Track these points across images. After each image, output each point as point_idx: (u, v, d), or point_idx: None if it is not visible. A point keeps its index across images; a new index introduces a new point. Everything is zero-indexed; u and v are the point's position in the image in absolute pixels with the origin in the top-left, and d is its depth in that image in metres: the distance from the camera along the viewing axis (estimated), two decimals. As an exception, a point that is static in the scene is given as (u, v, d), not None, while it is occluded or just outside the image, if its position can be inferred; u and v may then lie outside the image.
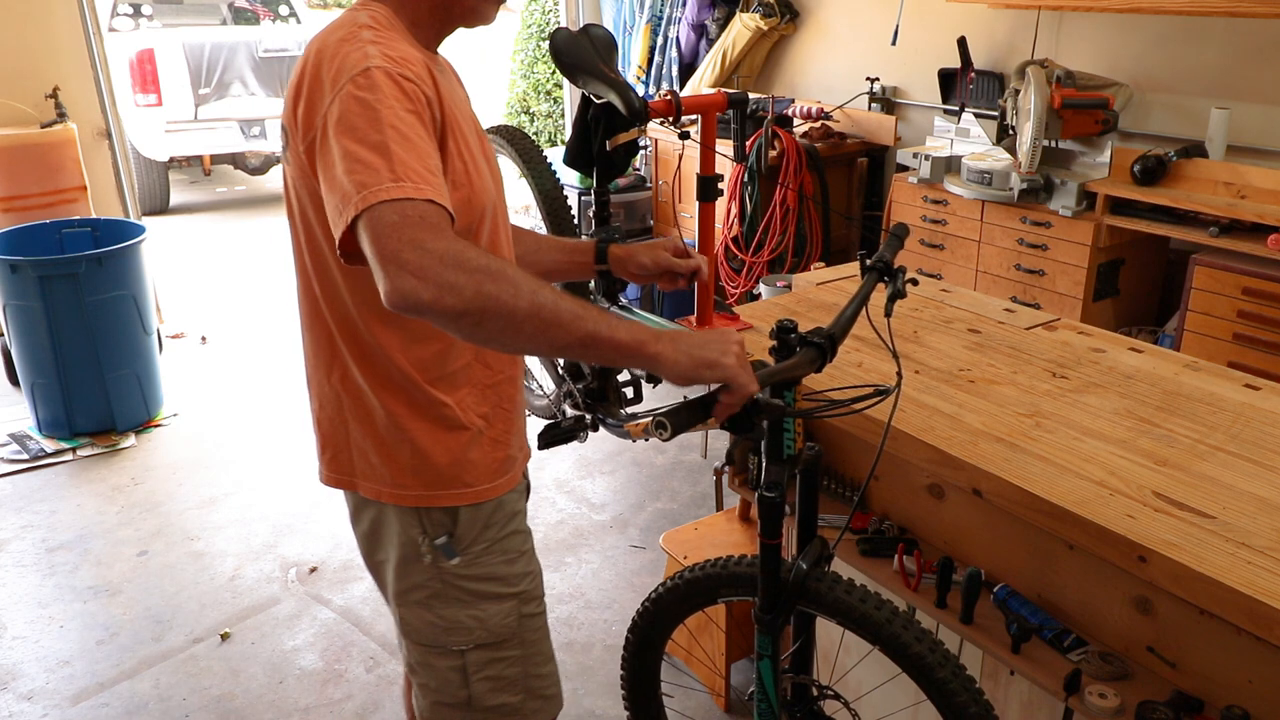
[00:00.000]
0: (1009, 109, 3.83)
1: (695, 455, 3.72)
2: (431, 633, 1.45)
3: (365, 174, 1.11)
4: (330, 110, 1.17)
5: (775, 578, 1.50)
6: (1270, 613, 1.23)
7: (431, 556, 1.41)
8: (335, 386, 1.39)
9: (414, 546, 1.41)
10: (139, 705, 2.50)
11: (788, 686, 1.64)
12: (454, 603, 1.44)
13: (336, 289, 1.32)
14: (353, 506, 1.48)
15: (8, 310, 3.71)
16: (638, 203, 5.45)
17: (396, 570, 1.44)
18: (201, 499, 3.47)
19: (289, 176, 1.31)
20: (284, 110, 1.29)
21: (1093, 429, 1.69)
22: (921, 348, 2.06)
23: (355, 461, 1.41)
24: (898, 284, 1.50)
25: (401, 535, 1.41)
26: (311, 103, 1.20)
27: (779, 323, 1.39)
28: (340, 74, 1.18)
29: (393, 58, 1.19)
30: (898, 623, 1.43)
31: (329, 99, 1.17)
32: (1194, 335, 3.37)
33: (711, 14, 5.49)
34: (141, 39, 7.14)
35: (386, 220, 1.09)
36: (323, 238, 1.30)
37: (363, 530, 1.48)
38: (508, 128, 2.24)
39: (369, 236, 1.10)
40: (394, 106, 1.15)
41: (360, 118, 1.15)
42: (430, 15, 1.33)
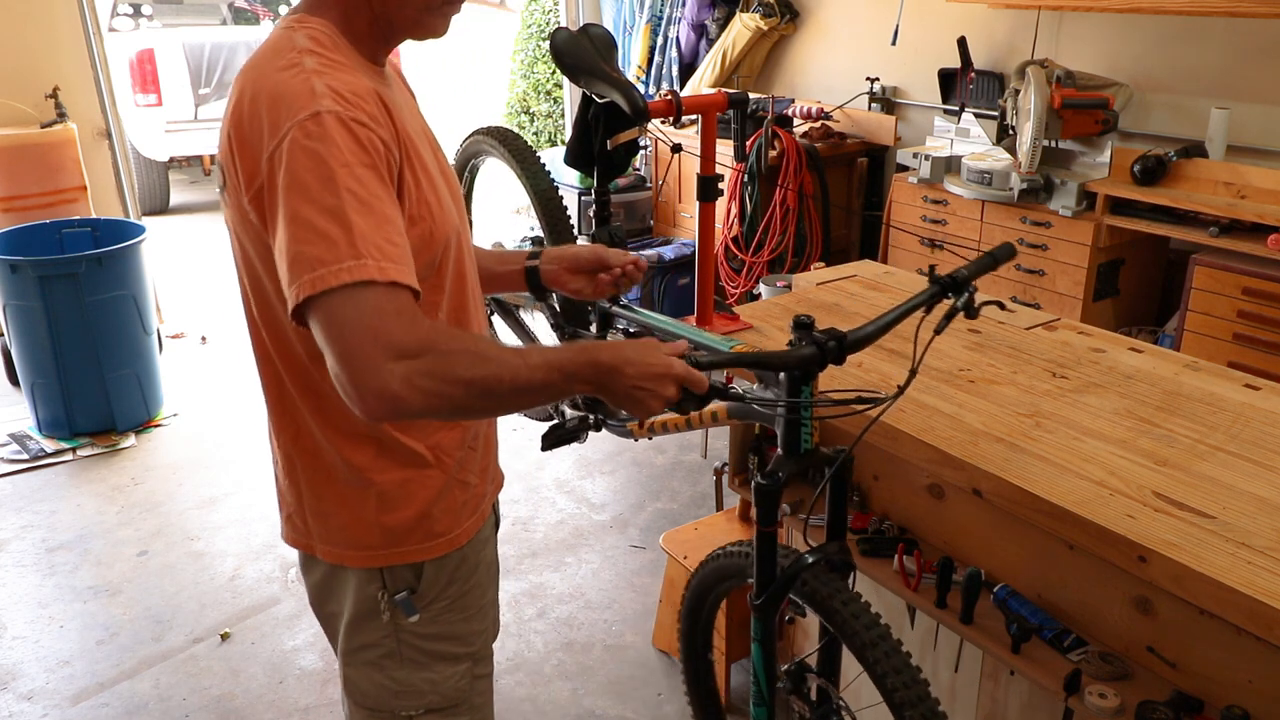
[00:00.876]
0: (1009, 109, 3.83)
1: (695, 455, 3.72)
2: (380, 695, 1.36)
3: (322, 247, 1.03)
4: (276, 157, 1.05)
5: (770, 564, 1.51)
6: (1270, 613, 1.23)
7: (390, 614, 1.32)
8: (287, 447, 1.30)
9: (372, 603, 1.31)
10: (139, 705, 2.50)
11: (812, 686, 1.65)
12: (408, 663, 1.35)
13: (289, 340, 1.21)
14: (302, 560, 1.39)
15: (8, 310, 3.71)
16: (638, 203, 5.45)
17: (349, 627, 1.34)
18: (201, 499, 3.47)
19: (229, 220, 1.20)
20: (220, 147, 1.16)
21: (1093, 429, 1.69)
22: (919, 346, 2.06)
23: (310, 524, 1.32)
24: (959, 302, 1.42)
25: (358, 592, 1.32)
26: (252, 144, 1.08)
27: (796, 318, 1.40)
28: (284, 114, 1.06)
29: (343, 96, 1.08)
30: (881, 646, 1.42)
31: (272, 143, 1.06)
32: (1194, 335, 3.37)
33: (711, 14, 5.49)
34: (141, 39, 7.15)
35: (345, 315, 1.02)
36: (272, 290, 1.18)
37: (314, 580, 1.38)
38: (498, 129, 2.22)
39: (325, 326, 1.03)
40: (349, 163, 1.05)
41: (313, 175, 1.04)
42: (371, 29, 1.20)
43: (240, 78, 1.14)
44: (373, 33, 1.21)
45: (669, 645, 2.63)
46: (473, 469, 1.35)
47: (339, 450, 1.25)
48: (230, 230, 1.21)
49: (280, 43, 1.14)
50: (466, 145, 2.30)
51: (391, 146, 1.12)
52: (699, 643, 1.95)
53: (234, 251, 1.24)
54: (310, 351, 1.19)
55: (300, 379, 1.23)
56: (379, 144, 1.09)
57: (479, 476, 1.37)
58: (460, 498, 1.33)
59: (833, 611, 1.47)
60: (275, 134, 1.06)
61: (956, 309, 1.42)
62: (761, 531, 1.50)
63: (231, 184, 1.14)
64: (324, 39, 1.15)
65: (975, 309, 1.43)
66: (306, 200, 1.04)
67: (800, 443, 1.45)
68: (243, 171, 1.10)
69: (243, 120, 1.10)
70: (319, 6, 1.19)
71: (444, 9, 1.22)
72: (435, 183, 1.22)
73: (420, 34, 1.23)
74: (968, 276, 1.45)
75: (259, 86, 1.09)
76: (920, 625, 1.92)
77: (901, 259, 4.34)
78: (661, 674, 2.58)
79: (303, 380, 1.23)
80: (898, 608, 1.90)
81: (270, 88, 1.08)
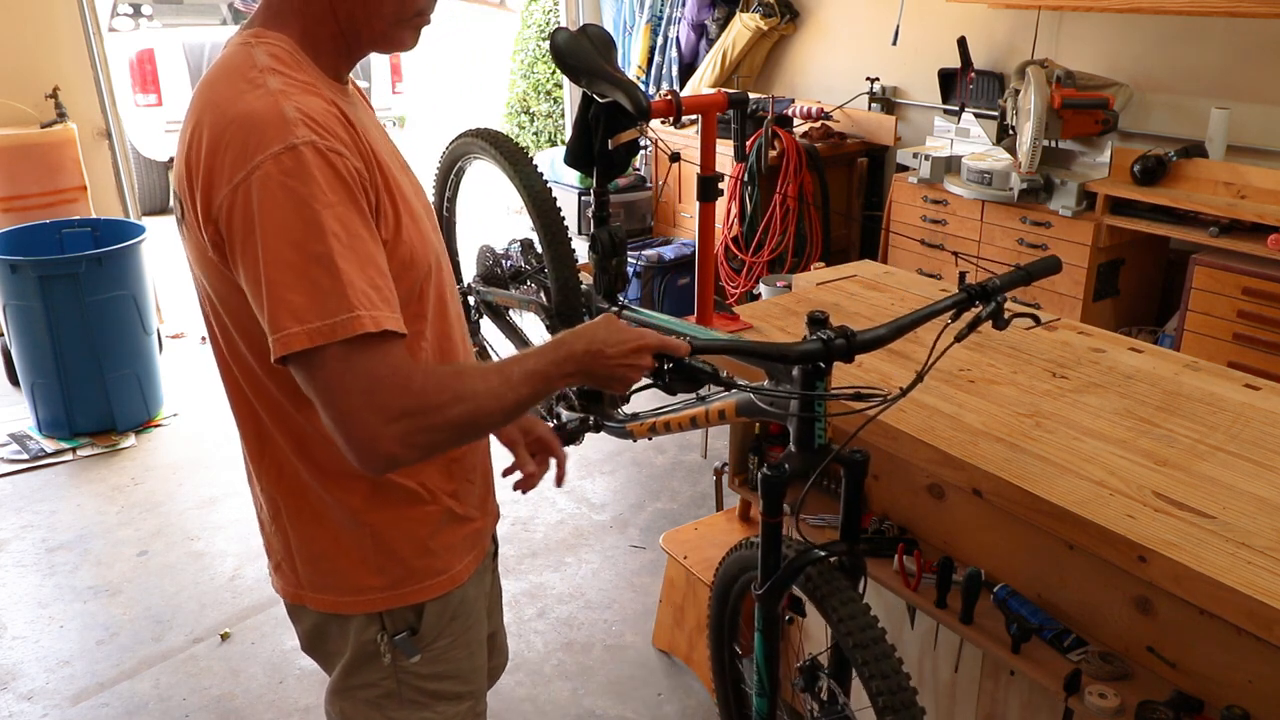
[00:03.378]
0: (1009, 109, 3.83)
1: (695, 455, 3.72)
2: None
3: (309, 296, 0.98)
4: (244, 190, 0.99)
5: (774, 555, 1.53)
6: (1270, 613, 1.23)
7: (390, 656, 1.27)
8: (270, 489, 1.23)
9: (371, 646, 1.27)
10: (139, 705, 2.50)
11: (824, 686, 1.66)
12: (408, 704, 1.30)
13: (263, 382, 1.16)
14: (290, 609, 1.33)
15: (8, 310, 3.71)
16: (638, 203, 5.45)
17: (347, 667, 1.29)
18: (201, 499, 3.47)
19: (188, 253, 1.13)
20: (175, 177, 1.09)
21: (1093, 429, 1.69)
22: (921, 348, 2.06)
23: (301, 571, 1.25)
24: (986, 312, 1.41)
25: (357, 636, 1.27)
26: (213, 173, 1.01)
27: (811, 313, 1.42)
28: (254, 144, 0.99)
29: (317, 122, 1.02)
30: (874, 649, 1.42)
31: (238, 173, 0.99)
32: (1194, 335, 3.37)
33: (711, 14, 5.49)
34: (141, 39, 7.15)
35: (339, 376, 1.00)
36: (238, 331, 1.13)
37: (305, 628, 1.33)
38: (488, 131, 2.21)
39: (317, 383, 1.01)
40: (332, 204, 1.00)
41: (295, 217, 0.98)
42: (334, 42, 1.13)
43: (197, 100, 1.06)
44: (336, 47, 1.14)
45: (669, 645, 2.63)
46: (472, 503, 1.32)
47: (328, 491, 1.20)
48: (191, 266, 1.14)
49: (238, 60, 1.07)
50: (453, 147, 2.29)
51: (370, 170, 1.07)
52: (726, 635, 1.97)
53: (196, 288, 1.18)
54: (290, 392, 1.13)
55: (280, 420, 1.18)
56: (356, 174, 1.04)
57: (478, 510, 1.34)
58: (459, 533, 1.30)
59: (831, 609, 1.48)
60: (243, 164, 0.99)
61: (982, 318, 1.41)
62: (766, 523, 1.51)
63: (190, 215, 1.07)
64: (285, 56, 1.08)
65: (1005, 320, 1.41)
66: (288, 244, 0.98)
67: (814, 438, 1.46)
68: (201, 204, 1.03)
69: (201, 148, 1.02)
70: (276, 19, 1.11)
71: (414, 21, 1.16)
72: (412, 207, 1.17)
73: (387, 47, 1.17)
74: (1000, 287, 1.44)
75: (220, 111, 1.02)
76: (920, 625, 1.92)
77: (901, 259, 4.34)
78: (661, 674, 2.58)
79: (284, 422, 1.17)
80: (898, 608, 1.90)
81: (234, 113, 1.01)
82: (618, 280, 2.16)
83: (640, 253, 4.86)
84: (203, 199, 1.03)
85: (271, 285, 0.99)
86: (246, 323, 1.09)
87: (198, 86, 1.09)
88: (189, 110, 1.08)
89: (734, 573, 1.81)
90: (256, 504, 1.30)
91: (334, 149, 1.02)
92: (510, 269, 2.42)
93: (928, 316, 1.44)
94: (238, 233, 1.00)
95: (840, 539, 1.55)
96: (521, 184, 2.10)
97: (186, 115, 1.08)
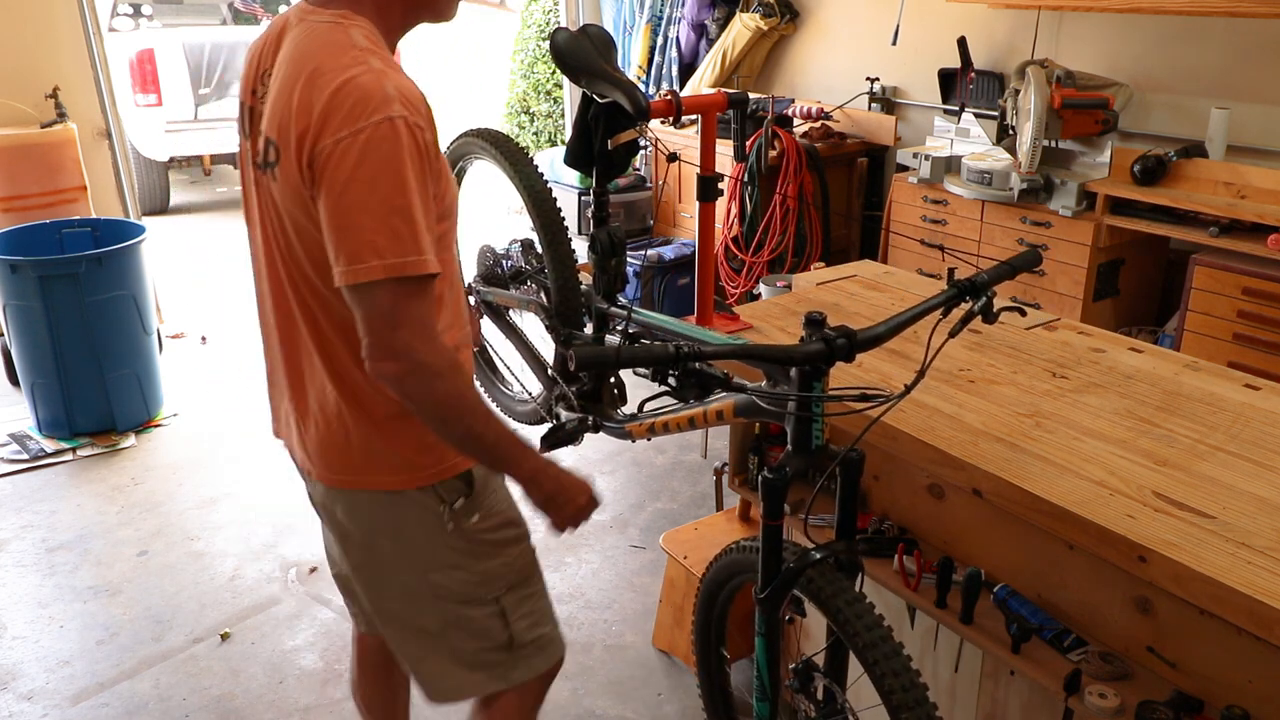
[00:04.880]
0: (1009, 109, 3.83)
1: (695, 455, 3.72)
2: (465, 589, 1.52)
3: (389, 239, 1.21)
4: (349, 146, 1.20)
5: (775, 558, 1.52)
6: (1270, 613, 1.23)
7: (454, 522, 1.48)
8: (333, 391, 1.41)
9: (435, 518, 1.47)
10: (139, 705, 2.50)
11: (819, 686, 1.65)
12: (482, 556, 1.52)
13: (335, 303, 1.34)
14: (347, 503, 1.49)
15: (8, 310, 3.71)
16: (638, 203, 5.45)
17: (419, 544, 1.49)
18: (201, 499, 3.47)
19: (275, 193, 1.32)
20: (272, 125, 1.29)
21: (1093, 429, 1.69)
22: (919, 346, 2.06)
23: (357, 459, 1.44)
24: (976, 307, 1.44)
25: (419, 513, 1.47)
26: (323, 126, 1.22)
27: (808, 314, 1.42)
28: (360, 110, 1.21)
29: (410, 101, 1.24)
30: (882, 648, 1.42)
31: (345, 131, 1.20)
32: (1194, 335, 3.37)
33: (711, 14, 5.49)
34: (141, 39, 7.14)
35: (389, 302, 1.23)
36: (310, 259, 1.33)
37: (365, 518, 1.49)
38: (488, 130, 2.21)
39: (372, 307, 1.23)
40: (412, 168, 1.22)
41: (385, 174, 1.21)
42: (402, 19, 1.37)
43: (294, 65, 1.27)
44: (402, 23, 1.37)
45: (669, 645, 2.63)
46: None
47: (382, 390, 1.37)
48: (275, 204, 1.34)
49: (338, 38, 1.27)
50: (454, 147, 2.29)
51: (434, 142, 1.29)
52: (713, 638, 1.96)
53: (273, 224, 1.37)
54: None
55: (343, 334, 1.37)
56: (429, 145, 1.27)
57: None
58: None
59: (835, 610, 1.47)
60: (350, 124, 1.20)
61: (974, 313, 1.42)
62: (767, 525, 1.51)
63: (286, 161, 1.27)
64: (372, 38, 1.30)
65: (994, 314, 1.44)
66: (377, 195, 1.21)
67: (811, 439, 1.46)
68: (308, 149, 1.23)
69: (310, 103, 1.22)
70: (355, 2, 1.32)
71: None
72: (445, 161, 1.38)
73: (434, 18, 1.40)
74: (988, 281, 1.46)
75: (331, 78, 1.22)
76: (920, 625, 1.92)
77: (901, 259, 4.34)
78: (661, 674, 2.58)
79: (346, 336, 1.36)
80: (898, 608, 1.90)
81: (346, 82, 1.22)
82: (617, 280, 2.16)
83: (640, 253, 4.86)
84: (310, 142, 1.23)
85: (357, 227, 1.21)
86: (319, 253, 1.29)
87: (290, 55, 1.29)
88: (281, 73, 1.29)
89: (723, 577, 1.80)
90: (313, 413, 1.46)
91: (418, 124, 1.25)
92: (510, 269, 2.42)
93: (921, 314, 1.46)
94: (333, 177, 1.21)
95: (837, 538, 1.55)
96: (522, 184, 2.10)
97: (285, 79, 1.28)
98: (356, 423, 1.42)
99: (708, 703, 2.05)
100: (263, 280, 1.46)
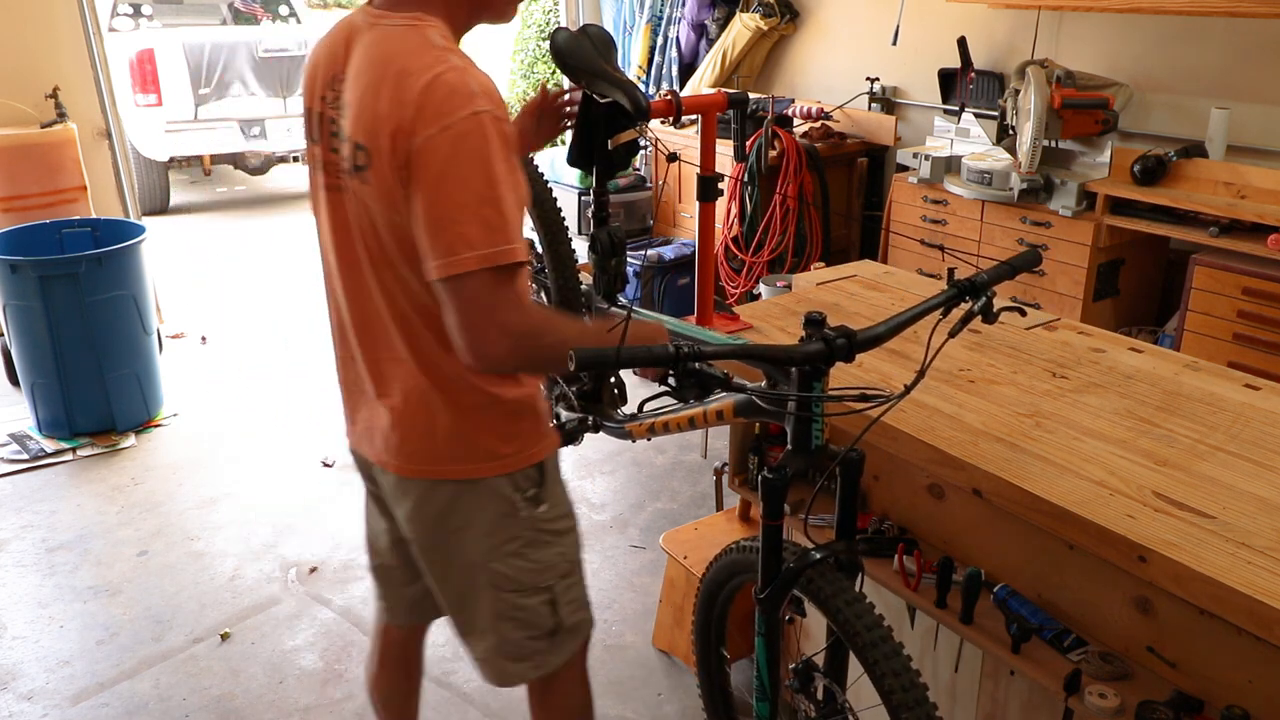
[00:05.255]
0: (1009, 109, 3.83)
1: (695, 455, 3.72)
2: (524, 577, 1.57)
3: (483, 231, 1.25)
4: (437, 144, 1.24)
5: (775, 558, 1.53)
6: (1270, 613, 1.23)
7: (526, 510, 1.54)
8: (423, 384, 1.46)
9: (508, 505, 1.53)
10: (139, 705, 2.50)
11: (819, 686, 1.66)
12: (543, 546, 1.58)
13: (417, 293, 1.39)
14: (423, 493, 1.53)
15: (8, 310, 3.71)
16: (638, 203, 5.45)
17: (487, 532, 1.53)
18: (201, 499, 3.47)
19: (368, 195, 1.35)
20: (360, 129, 1.32)
21: (1093, 429, 1.69)
22: (919, 347, 2.06)
23: (441, 449, 1.49)
24: (976, 307, 1.44)
25: (493, 501, 1.52)
26: (416, 121, 1.25)
27: (808, 314, 1.42)
28: (448, 107, 1.25)
29: (492, 97, 1.29)
30: (882, 648, 1.42)
31: (434, 129, 1.24)
32: (1194, 335, 3.37)
33: (711, 14, 5.49)
34: (141, 39, 7.14)
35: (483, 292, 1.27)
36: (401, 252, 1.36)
37: (437, 504, 1.53)
38: None
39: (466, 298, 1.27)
40: (501, 160, 1.26)
41: (475, 168, 1.25)
42: (466, 20, 1.42)
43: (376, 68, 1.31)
44: (468, 23, 1.43)
45: (669, 645, 2.63)
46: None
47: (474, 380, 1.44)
48: (365, 206, 1.37)
49: (418, 40, 1.32)
50: None
51: (514, 133, 1.32)
52: (713, 638, 1.96)
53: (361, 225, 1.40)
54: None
55: (433, 325, 1.40)
56: (511, 136, 1.30)
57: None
58: (544, 401, 1.60)
59: (836, 610, 1.47)
60: (440, 120, 1.24)
61: (974, 313, 1.43)
62: (767, 525, 1.51)
63: (377, 163, 1.30)
64: (448, 37, 1.35)
65: (994, 314, 1.44)
66: (468, 189, 1.25)
67: (811, 439, 1.46)
68: (398, 142, 1.27)
69: (401, 101, 1.26)
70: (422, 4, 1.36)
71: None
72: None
73: (495, 19, 1.46)
74: (987, 281, 1.47)
75: (417, 77, 1.26)
76: (920, 625, 1.92)
77: (901, 259, 4.34)
78: (661, 674, 2.58)
79: (435, 327, 1.39)
80: (898, 608, 1.90)
81: (433, 80, 1.26)
82: (617, 280, 2.16)
83: (640, 253, 4.86)
84: (403, 141, 1.26)
85: (451, 220, 1.25)
86: (412, 249, 1.32)
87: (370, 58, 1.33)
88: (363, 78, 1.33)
89: (723, 577, 1.80)
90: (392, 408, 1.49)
91: (502, 118, 1.28)
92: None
93: (921, 313, 1.46)
94: (425, 173, 1.25)
95: (837, 538, 1.55)
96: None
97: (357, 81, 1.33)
98: (444, 413, 1.46)
99: (708, 703, 2.04)
100: (340, 281, 1.48)
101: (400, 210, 1.32)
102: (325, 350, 1.69)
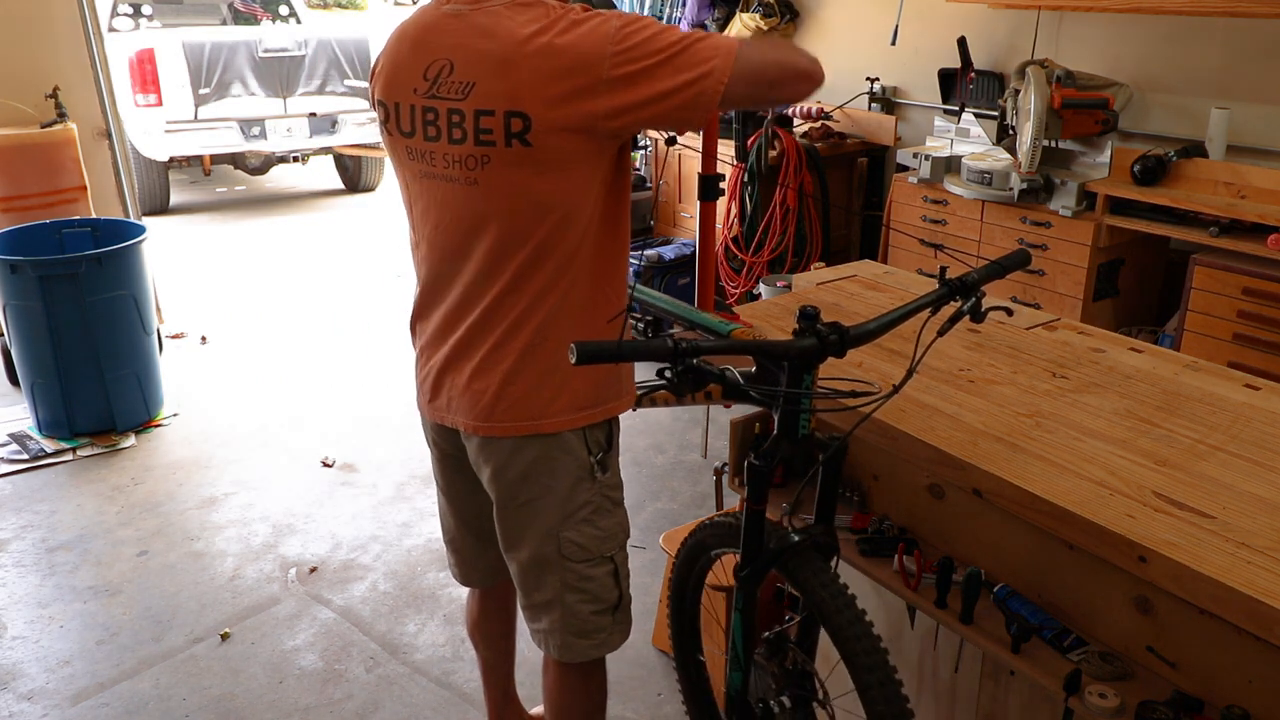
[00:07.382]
0: (1009, 109, 3.83)
1: (695, 455, 3.72)
2: (592, 544, 1.65)
3: (701, 51, 1.37)
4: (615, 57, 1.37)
5: (757, 539, 1.61)
6: (1270, 613, 1.23)
7: (598, 474, 1.63)
8: (534, 342, 1.54)
9: (585, 468, 1.61)
10: (139, 705, 2.50)
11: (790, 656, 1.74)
12: (606, 513, 1.66)
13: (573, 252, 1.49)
14: (508, 451, 1.59)
15: (8, 310, 3.71)
16: (638, 203, 5.44)
17: (566, 495, 1.61)
18: (201, 499, 3.47)
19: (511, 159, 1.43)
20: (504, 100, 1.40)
21: (1093, 429, 1.69)
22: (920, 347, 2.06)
23: (536, 405, 1.56)
24: (966, 306, 1.50)
25: (572, 460, 1.60)
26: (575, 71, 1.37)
27: (802, 307, 1.47)
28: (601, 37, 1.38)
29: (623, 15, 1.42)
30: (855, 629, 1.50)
31: (609, 50, 1.37)
32: (1194, 335, 3.37)
33: (711, 14, 5.49)
34: (141, 39, 7.14)
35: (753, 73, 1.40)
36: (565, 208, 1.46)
37: (524, 463, 1.60)
38: None
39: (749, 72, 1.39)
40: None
41: (653, 31, 1.39)
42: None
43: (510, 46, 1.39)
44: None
45: (669, 645, 2.62)
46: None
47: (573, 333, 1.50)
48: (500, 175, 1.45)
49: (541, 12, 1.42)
50: None
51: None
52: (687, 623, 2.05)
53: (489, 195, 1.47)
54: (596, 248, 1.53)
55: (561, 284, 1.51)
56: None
57: None
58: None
59: (810, 590, 1.55)
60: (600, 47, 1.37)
61: (963, 312, 1.47)
62: (751, 509, 1.58)
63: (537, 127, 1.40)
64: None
65: (982, 313, 1.48)
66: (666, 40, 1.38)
67: (798, 428, 1.53)
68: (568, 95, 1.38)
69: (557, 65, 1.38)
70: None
71: None
72: None
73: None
74: (977, 281, 1.51)
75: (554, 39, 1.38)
76: (920, 625, 1.92)
77: (901, 259, 4.34)
78: (661, 674, 2.58)
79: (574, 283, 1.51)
80: (898, 608, 1.90)
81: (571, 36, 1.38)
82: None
83: (640, 252, 4.86)
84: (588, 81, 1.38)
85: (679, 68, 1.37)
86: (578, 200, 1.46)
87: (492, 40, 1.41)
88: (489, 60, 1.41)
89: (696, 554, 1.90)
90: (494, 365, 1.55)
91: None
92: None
93: (912, 312, 1.51)
94: (635, 76, 1.37)
95: (815, 521, 1.63)
96: None
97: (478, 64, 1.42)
98: (550, 370, 1.54)
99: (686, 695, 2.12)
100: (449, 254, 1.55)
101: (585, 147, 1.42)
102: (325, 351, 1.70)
